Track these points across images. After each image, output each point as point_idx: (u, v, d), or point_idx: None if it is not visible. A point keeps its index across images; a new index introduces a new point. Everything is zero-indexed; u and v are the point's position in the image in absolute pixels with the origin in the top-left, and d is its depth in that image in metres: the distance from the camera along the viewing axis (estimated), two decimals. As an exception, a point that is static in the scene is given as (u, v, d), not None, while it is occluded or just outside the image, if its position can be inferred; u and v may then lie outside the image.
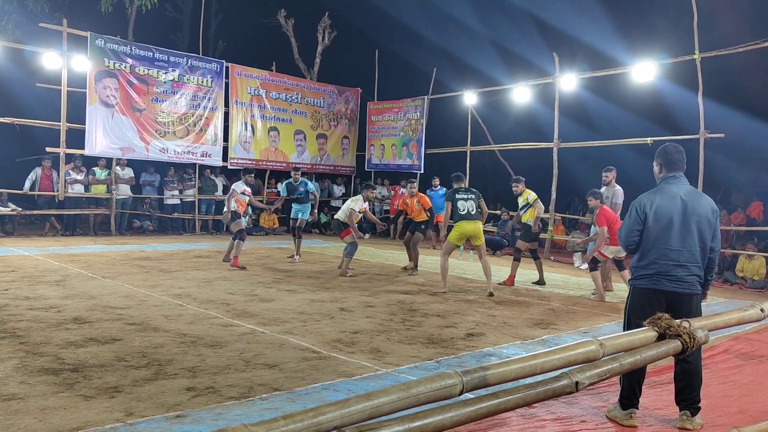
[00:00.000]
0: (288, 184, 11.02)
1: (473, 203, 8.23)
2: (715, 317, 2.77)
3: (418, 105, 17.02)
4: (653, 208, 3.81)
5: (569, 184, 15.91)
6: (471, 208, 8.19)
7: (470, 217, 8.16)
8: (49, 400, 3.67)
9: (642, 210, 3.85)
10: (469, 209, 8.17)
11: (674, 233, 3.78)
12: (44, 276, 7.99)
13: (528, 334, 6.10)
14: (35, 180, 13.16)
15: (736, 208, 14.13)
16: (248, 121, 15.91)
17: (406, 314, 6.71)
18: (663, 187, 3.92)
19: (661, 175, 3.99)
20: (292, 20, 18.48)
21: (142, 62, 13.89)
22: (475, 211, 8.21)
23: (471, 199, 8.26)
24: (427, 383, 1.65)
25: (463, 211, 8.16)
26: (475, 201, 8.25)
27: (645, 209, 3.85)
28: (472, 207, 8.21)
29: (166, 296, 7.04)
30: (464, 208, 8.18)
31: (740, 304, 6.91)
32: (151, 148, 14.01)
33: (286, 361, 4.72)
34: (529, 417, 3.81)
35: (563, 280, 10.32)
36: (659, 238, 3.79)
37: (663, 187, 3.92)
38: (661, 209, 3.80)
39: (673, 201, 3.82)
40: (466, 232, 8.22)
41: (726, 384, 4.78)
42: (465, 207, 8.18)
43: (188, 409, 3.63)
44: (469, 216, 8.16)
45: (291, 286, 8.21)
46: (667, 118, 14.49)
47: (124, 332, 5.32)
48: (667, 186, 3.91)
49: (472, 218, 8.17)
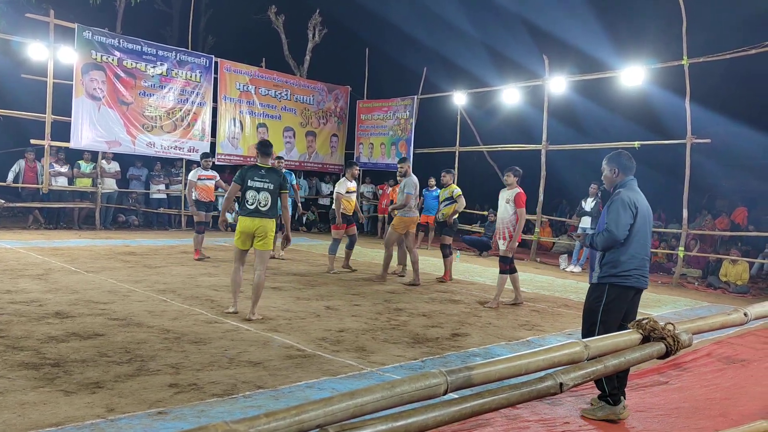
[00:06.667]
0: None
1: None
2: (699, 321, 2.78)
3: (408, 104, 17.02)
4: (637, 204, 4.02)
5: (557, 186, 15.99)
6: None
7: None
8: (28, 395, 3.62)
9: (633, 205, 4.00)
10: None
11: (647, 231, 4.09)
12: (26, 269, 7.89)
13: (513, 335, 6.12)
14: (19, 172, 12.99)
15: (720, 213, 14.28)
16: (237, 117, 15.83)
17: (391, 314, 6.70)
18: (633, 187, 4.14)
19: (619, 179, 4.19)
20: (282, 17, 18.41)
21: (129, 55, 13.76)
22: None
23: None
24: (412, 382, 1.64)
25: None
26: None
27: (636, 204, 4.02)
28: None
29: (150, 292, 6.98)
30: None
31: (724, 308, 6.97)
32: (138, 142, 13.89)
33: (271, 358, 4.69)
34: (513, 418, 3.82)
35: (549, 282, 10.36)
36: (638, 233, 4.01)
37: (633, 187, 4.14)
38: (642, 207, 4.05)
39: (644, 200, 4.11)
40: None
41: (708, 387, 4.81)
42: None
43: (170, 406, 3.60)
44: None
45: (276, 283, 8.17)
46: (655, 122, 14.61)
47: (106, 327, 5.26)
48: (635, 187, 4.15)
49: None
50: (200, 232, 9.77)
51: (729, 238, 13.00)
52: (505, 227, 7.53)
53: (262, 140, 6.68)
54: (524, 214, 7.52)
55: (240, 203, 6.17)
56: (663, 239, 13.40)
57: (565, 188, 16.90)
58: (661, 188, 15.68)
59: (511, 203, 7.48)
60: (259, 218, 6.04)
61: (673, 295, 9.74)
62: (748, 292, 10.62)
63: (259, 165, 6.24)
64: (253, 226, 6.03)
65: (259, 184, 6.09)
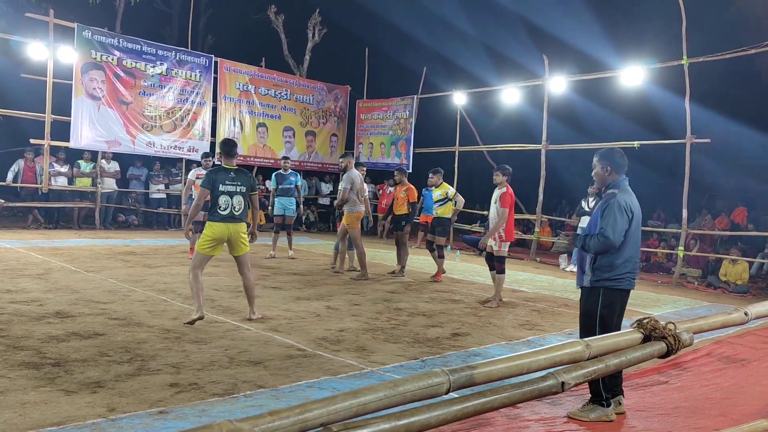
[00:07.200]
0: (277, 175, 10.99)
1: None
2: (700, 320, 2.79)
3: (408, 104, 17.01)
4: (633, 209, 3.97)
5: (557, 185, 15.99)
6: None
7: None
8: (29, 395, 3.62)
9: (629, 209, 3.95)
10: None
11: (639, 233, 4.06)
12: (26, 269, 7.88)
13: (513, 334, 6.12)
14: (18, 172, 12.99)
15: (720, 212, 14.29)
16: (236, 117, 15.82)
17: (392, 313, 6.71)
18: (626, 187, 4.07)
19: (612, 178, 4.10)
20: (282, 16, 18.39)
21: (129, 55, 13.75)
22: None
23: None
24: (414, 381, 1.65)
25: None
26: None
27: (631, 208, 3.97)
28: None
29: (150, 291, 6.98)
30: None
31: (724, 307, 6.98)
32: (138, 141, 13.88)
33: (271, 358, 4.70)
34: (514, 417, 3.82)
35: (549, 281, 10.36)
36: (632, 236, 3.98)
37: (626, 188, 4.07)
38: (636, 210, 4.00)
39: (636, 201, 4.05)
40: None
41: (708, 387, 4.82)
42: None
43: (171, 405, 3.60)
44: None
45: (277, 283, 8.18)
46: (655, 122, 14.62)
47: (107, 327, 5.27)
48: (627, 187, 4.08)
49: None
50: (198, 231, 9.75)
51: (729, 238, 13.00)
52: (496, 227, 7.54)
53: (225, 140, 6.24)
54: (506, 214, 7.38)
55: (210, 209, 5.78)
56: (663, 239, 13.40)
57: (565, 188, 16.91)
58: (660, 188, 15.72)
59: (497, 203, 7.46)
60: (233, 224, 5.74)
61: (673, 295, 9.75)
62: (748, 292, 10.63)
63: (226, 167, 5.89)
64: (228, 233, 5.72)
65: (231, 188, 5.77)
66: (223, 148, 6.04)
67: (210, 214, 5.77)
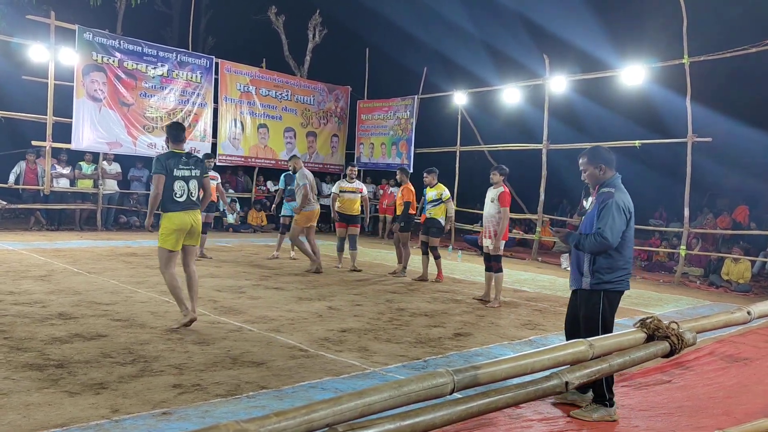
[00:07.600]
0: (286, 176, 10.98)
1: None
2: (703, 319, 2.80)
3: (408, 104, 17.02)
4: (630, 209, 3.96)
5: (558, 185, 15.98)
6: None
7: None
8: (33, 396, 3.62)
9: (627, 210, 3.94)
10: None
11: (633, 232, 4.02)
12: (29, 271, 7.89)
13: (515, 334, 6.12)
14: (20, 173, 13.00)
15: (722, 211, 14.27)
16: (238, 118, 15.83)
17: (394, 313, 6.71)
18: (621, 186, 4.03)
19: (606, 176, 4.04)
20: (282, 17, 18.39)
21: (130, 56, 13.77)
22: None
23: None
24: (419, 381, 1.65)
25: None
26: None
27: (629, 209, 3.96)
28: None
29: (152, 292, 6.98)
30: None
31: (726, 307, 6.98)
32: (139, 143, 13.90)
33: (274, 359, 4.70)
34: (516, 417, 3.82)
35: (550, 281, 10.36)
36: (629, 236, 3.97)
37: (622, 187, 4.03)
38: (632, 209, 3.99)
39: (631, 200, 4.01)
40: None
41: (711, 386, 4.82)
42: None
43: (174, 406, 3.60)
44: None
45: (279, 283, 8.18)
46: (656, 121, 14.60)
47: (109, 328, 5.27)
48: (622, 185, 4.04)
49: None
50: (203, 232, 9.76)
51: (730, 237, 12.99)
52: (490, 225, 7.55)
53: (173, 123, 5.85)
54: (508, 213, 7.52)
55: (164, 198, 5.38)
56: (664, 238, 13.39)
57: (566, 187, 16.88)
58: (662, 187, 15.71)
59: (495, 202, 7.49)
60: (193, 211, 5.44)
61: (675, 294, 9.74)
62: (750, 291, 10.62)
63: (176, 152, 5.50)
64: (189, 221, 5.40)
65: (186, 172, 5.42)
66: (171, 132, 5.61)
67: (165, 205, 5.40)
